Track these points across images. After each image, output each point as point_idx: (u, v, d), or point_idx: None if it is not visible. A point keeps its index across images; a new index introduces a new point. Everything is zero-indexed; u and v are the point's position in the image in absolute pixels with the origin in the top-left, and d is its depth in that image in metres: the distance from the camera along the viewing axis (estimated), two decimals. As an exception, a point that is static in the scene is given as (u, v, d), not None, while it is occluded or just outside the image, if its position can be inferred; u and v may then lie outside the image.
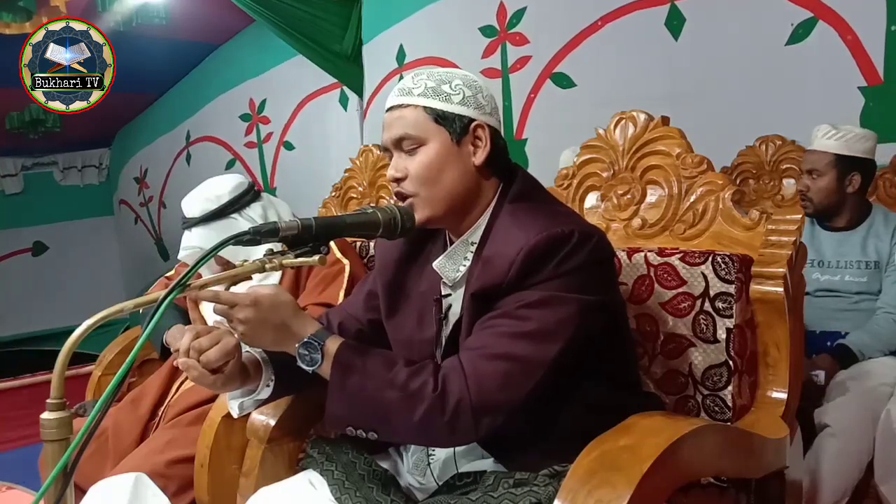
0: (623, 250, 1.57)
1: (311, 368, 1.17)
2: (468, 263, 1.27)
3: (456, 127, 1.24)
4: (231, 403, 1.33)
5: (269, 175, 5.94)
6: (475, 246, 1.27)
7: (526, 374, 1.12)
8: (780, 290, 1.41)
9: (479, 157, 1.26)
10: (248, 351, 1.29)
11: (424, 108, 1.24)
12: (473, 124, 1.25)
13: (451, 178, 1.24)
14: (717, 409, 1.47)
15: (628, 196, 1.65)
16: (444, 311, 1.31)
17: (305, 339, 1.17)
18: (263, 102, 5.90)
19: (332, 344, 1.17)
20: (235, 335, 1.18)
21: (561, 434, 1.19)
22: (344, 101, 5.29)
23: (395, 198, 1.30)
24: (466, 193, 1.26)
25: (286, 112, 5.73)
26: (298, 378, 1.26)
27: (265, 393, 1.30)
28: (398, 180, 1.26)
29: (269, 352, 1.31)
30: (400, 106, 1.26)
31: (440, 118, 1.24)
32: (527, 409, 1.14)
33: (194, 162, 6.62)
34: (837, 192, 2.46)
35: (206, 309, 2.11)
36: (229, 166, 6.19)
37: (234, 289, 1.38)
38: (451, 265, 1.28)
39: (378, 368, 1.15)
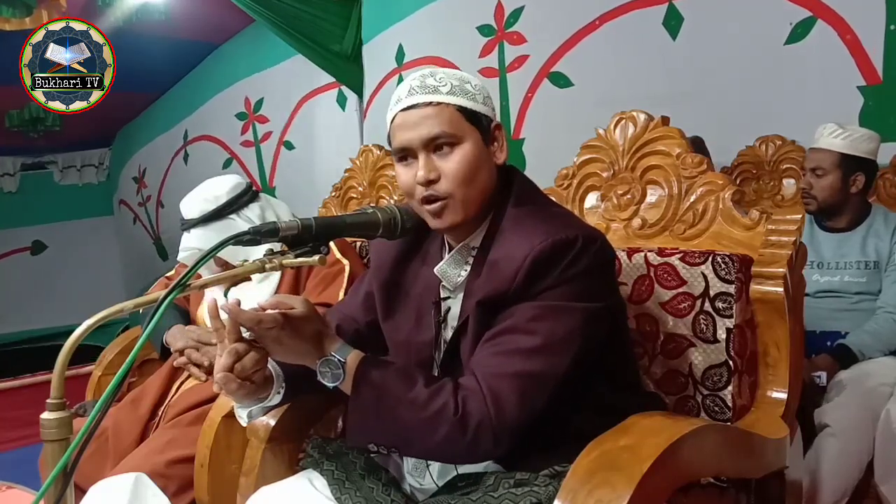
0: (623, 250, 1.57)
1: (332, 385, 1.15)
2: (469, 268, 1.27)
3: (484, 126, 1.23)
4: (240, 412, 1.32)
5: (267, 174, 5.93)
6: (476, 251, 1.26)
7: (541, 390, 1.13)
8: (780, 290, 1.42)
9: (500, 158, 1.26)
10: None
11: (456, 106, 1.20)
12: (493, 124, 1.25)
13: (484, 179, 1.23)
14: (717, 409, 1.47)
15: (628, 196, 1.65)
16: (442, 314, 1.31)
17: (326, 357, 1.15)
18: (260, 101, 5.89)
19: (353, 360, 1.15)
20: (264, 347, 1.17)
21: (561, 434, 1.19)
22: (342, 100, 5.28)
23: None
24: (492, 194, 1.26)
25: (284, 111, 5.72)
26: (307, 385, 1.26)
27: (275, 400, 1.29)
28: (430, 182, 1.20)
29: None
30: (427, 104, 1.20)
31: (472, 117, 1.22)
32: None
33: (191, 161, 6.62)
34: (841, 192, 2.46)
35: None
36: (226, 165, 6.18)
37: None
38: (454, 270, 1.28)
39: (398, 386, 1.13)
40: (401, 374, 1.17)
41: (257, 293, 1.95)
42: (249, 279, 1.15)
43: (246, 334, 1.16)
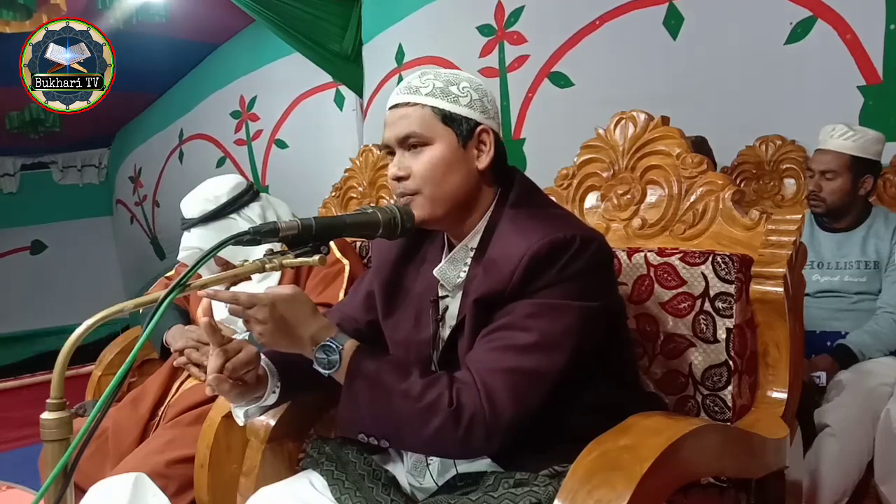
0: (623, 250, 1.58)
1: (327, 372, 1.16)
2: (467, 268, 1.27)
3: (463, 129, 1.24)
4: (236, 411, 1.32)
5: (259, 173, 5.92)
6: (474, 251, 1.27)
7: (536, 387, 1.13)
8: (780, 290, 1.42)
9: (483, 162, 1.26)
10: None
11: (432, 107, 1.23)
12: (479, 128, 1.25)
13: (455, 181, 1.24)
14: (717, 409, 1.47)
15: (628, 196, 1.65)
16: (440, 312, 1.31)
17: (323, 343, 1.15)
18: (254, 100, 5.88)
19: (349, 349, 1.16)
20: (253, 334, 1.18)
21: (561, 434, 1.20)
22: (340, 100, 5.28)
23: (394, 197, 1.30)
24: (467, 197, 1.26)
25: (277, 109, 5.71)
26: (303, 384, 1.26)
27: (271, 399, 1.30)
28: (400, 178, 1.25)
29: (274, 359, 1.31)
30: (406, 104, 1.24)
31: (448, 119, 1.23)
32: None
33: (186, 160, 6.61)
34: (851, 194, 2.45)
35: (215, 307, 2.10)
36: (220, 164, 6.18)
37: (234, 289, 1.37)
38: (452, 271, 1.28)
39: (392, 377, 1.14)
40: (396, 364, 1.18)
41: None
42: (249, 279, 1.15)
43: (237, 336, 1.16)
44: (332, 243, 1.28)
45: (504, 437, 1.12)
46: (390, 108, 1.27)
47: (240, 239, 1.11)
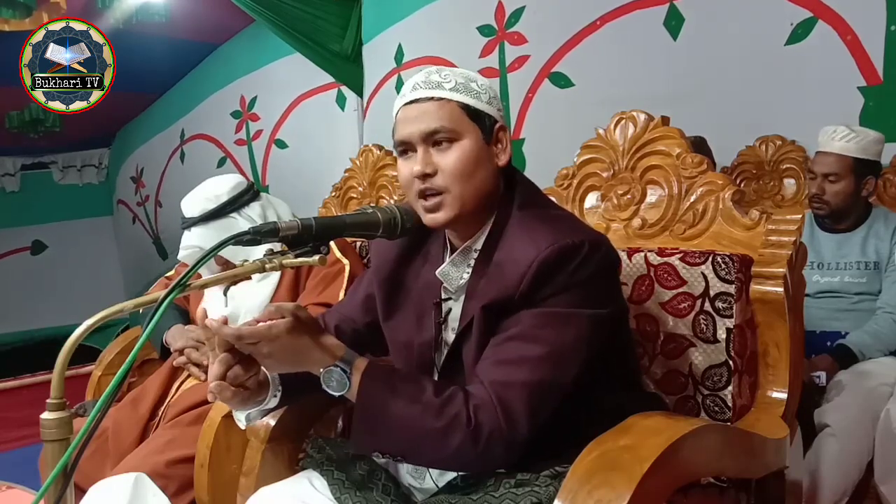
0: (623, 250, 1.57)
1: (338, 394, 1.13)
2: (470, 270, 1.26)
3: (486, 125, 1.23)
4: (238, 415, 1.31)
5: (259, 173, 5.93)
6: (478, 253, 1.26)
7: (549, 399, 1.13)
8: (780, 290, 1.42)
9: (503, 159, 1.25)
10: None
11: (458, 102, 1.20)
12: (497, 125, 1.25)
13: (482, 177, 1.22)
14: (717, 409, 1.47)
15: (628, 196, 1.65)
16: (443, 315, 1.30)
17: (331, 365, 1.13)
18: (254, 100, 5.88)
19: (359, 368, 1.13)
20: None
21: (562, 435, 1.19)
22: (341, 101, 5.28)
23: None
24: (490, 194, 1.25)
25: (277, 109, 5.71)
26: (305, 387, 1.25)
27: (272, 403, 1.28)
28: (426, 176, 1.20)
29: None
30: (429, 99, 1.20)
31: (474, 115, 1.21)
32: None
33: (188, 160, 6.61)
34: (854, 196, 2.45)
35: (211, 307, 2.10)
36: (221, 164, 6.18)
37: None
38: (455, 272, 1.27)
39: (406, 396, 1.12)
40: (409, 381, 1.16)
41: (257, 292, 1.96)
42: (249, 278, 1.15)
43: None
44: (332, 243, 1.27)
45: (521, 449, 1.12)
46: (407, 104, 1.23)
47: (240, 239, 1.11)
